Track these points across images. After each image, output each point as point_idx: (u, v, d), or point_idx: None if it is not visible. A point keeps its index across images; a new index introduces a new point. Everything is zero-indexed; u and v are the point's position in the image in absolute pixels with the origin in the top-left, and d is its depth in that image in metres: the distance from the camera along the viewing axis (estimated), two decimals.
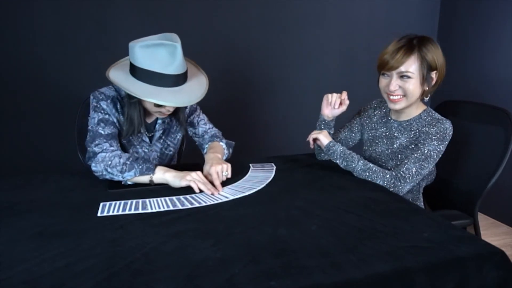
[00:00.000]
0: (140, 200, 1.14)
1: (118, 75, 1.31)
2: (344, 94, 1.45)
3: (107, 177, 1.28)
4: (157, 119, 1.50)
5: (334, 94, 1.46)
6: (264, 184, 1.28)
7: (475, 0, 2.70)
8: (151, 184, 1.27)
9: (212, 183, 1.24)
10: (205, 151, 1.53)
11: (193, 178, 1.21)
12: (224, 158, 1.49)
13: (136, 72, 1.28)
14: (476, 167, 1.42)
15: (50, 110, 2.33)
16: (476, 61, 2.71)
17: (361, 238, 0.90)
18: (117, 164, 1.26)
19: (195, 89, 1.34)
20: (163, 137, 1.54)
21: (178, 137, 1.59)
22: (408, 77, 1.26)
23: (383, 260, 0.81)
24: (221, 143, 1.53)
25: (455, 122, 1.31)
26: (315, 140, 1.46)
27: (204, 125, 1.59)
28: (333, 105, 1.45)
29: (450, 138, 1.28)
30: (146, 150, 1.52)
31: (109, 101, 1.37)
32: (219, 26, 2.53)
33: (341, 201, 1.13)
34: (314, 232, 0.94)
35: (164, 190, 1.22)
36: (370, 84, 1.64)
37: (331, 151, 1.39)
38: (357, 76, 2.87)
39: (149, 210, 1.07)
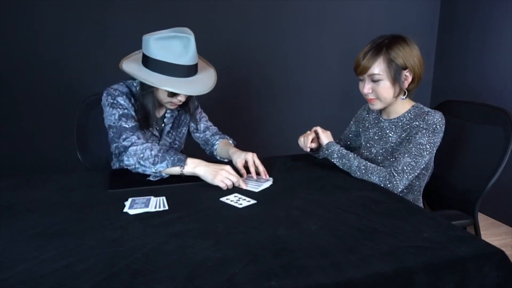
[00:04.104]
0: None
1: (132, 67, 1.34)
2: (310, 137, 1.44)
3: (140, 170, 1.29)
4: (165, 113, 1.52)
5: (301, 138, 1.46)
6: (265, 184, 1.28)
7: (475, 0, 2.70)
8: (181, 176, 1.28)
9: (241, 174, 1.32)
10: (215, 147, 1.59)
11: (223, 178, 1.23)
12: None
13: (150, 63, 1.31)
14: (476, 167, 1.42)
15: (50, 110, 2.33)
16: (476, 61, 2.71)
17: (361, 238, 0.90)
18: (149, 157, 1.27)
19: (206, 79, 1.39)
20: (172, 131, 1.56)
21: (183, 131, 1.62)
22: (378, 79, 1.28)
23: (383, 260, 0.81)
24: (230, 140, 1.61)
25: (455, 122, 1.31)
26: (313, 140, 1.46)
27: (206, 122, 1.65)
28: (305, 147, 1.45)
29: (443, 128, 1.27)
30: (156, 144, 1.51)
31: (124, 96, 1.39)
32: (219, 26, 2.53)
33: (341, 201, 1.13)
34: (314, 232, 0.94)
35: (164, 190, 1.22)
36: None
37: (329, 150, 1.40)
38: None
39: (149, 210, 1.07)
